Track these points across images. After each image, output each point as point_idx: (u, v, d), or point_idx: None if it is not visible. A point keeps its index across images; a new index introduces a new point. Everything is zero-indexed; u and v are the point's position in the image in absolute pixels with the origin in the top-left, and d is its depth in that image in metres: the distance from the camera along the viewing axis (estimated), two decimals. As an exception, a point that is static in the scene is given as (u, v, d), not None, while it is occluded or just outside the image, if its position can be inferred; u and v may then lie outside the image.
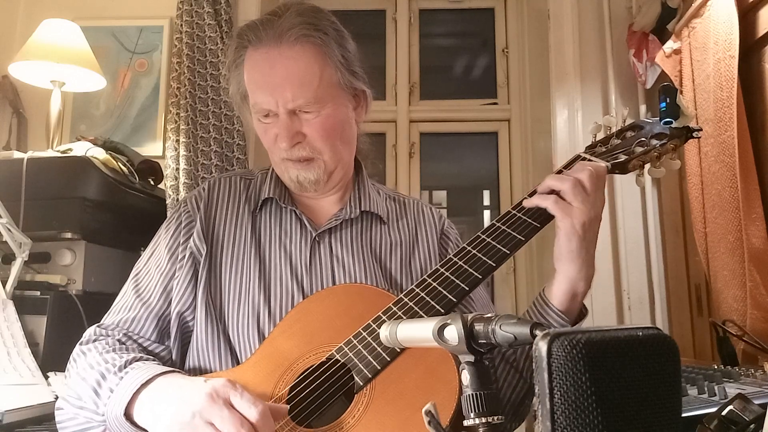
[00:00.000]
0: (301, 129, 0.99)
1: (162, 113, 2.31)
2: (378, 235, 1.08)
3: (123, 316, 0.98)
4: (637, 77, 2.09)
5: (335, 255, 1.03)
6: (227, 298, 0.98)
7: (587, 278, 0.90)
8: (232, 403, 0.75)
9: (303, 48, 0.97)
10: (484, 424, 0.53)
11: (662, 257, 2.10)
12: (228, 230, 1.04)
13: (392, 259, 1.06)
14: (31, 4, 2.41)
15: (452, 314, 0.57)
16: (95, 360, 0.89)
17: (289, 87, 0.96)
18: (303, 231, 1.05)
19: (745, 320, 1.38)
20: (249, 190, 1.10)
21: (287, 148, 0.99)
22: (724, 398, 0.79)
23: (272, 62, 0.97)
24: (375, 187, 1.16)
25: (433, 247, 1.10)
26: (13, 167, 1.63)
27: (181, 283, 0.99)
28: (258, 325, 0.95)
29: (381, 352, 0.83)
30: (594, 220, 0.88)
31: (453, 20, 3.09)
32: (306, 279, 1.00)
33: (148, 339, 0.97)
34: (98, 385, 0.86)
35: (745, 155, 1.41)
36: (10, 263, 1.50)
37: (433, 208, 1.18)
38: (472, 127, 2.91)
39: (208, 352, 0.96)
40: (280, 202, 1.06)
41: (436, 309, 0.84)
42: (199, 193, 1.09)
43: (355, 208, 1.07)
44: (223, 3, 2.26)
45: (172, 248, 1.02)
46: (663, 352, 0.43)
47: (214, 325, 0.96)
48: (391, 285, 1.04)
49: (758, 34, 1.44)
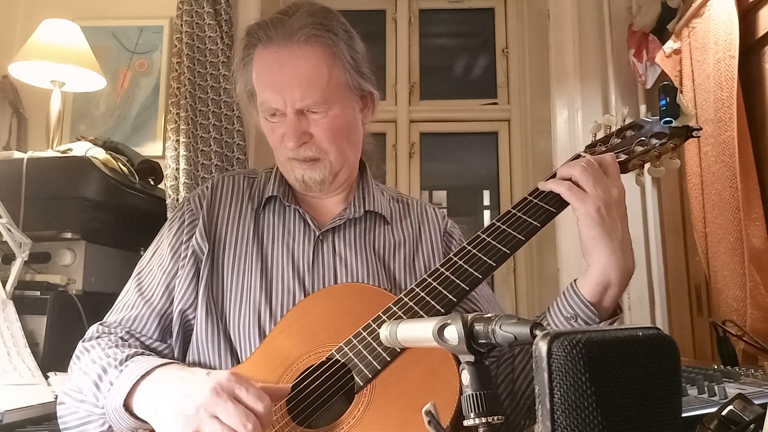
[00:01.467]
0: (308, 129, 0.99)
1: (162, 113, 2.31)
2: (381, 235, 1.08)
3: (126, 314, 0.98)
4: (637, 77, 2.09)
5: (338, 254, 1.03)
6: (229, 297, 0.99)
7: (619, 269, 0.84)
8: (237, 396, 0.75)
9: (313, 48, 0.97)
10: (484, 424, 0.53)
11: (662, 257, 2.10)
12: (230, 229, 1.04)
13: (395, 259, 1.06)
14: (31, 4, 2.41)
15: (452, 314, 0.57)
16: (98, 355, 0.90)
17: (298, 87, 0.96)
18: (306, 230, 1.05)
19: (745, 320, 1.38)
20: (252, 188, 1.10)
21: (294, 147, 0.99)
22: (724, 398, 0.79)
23: (281, 61, 0.96)
24: (379, 187, 1.17)
25: (437, 247, 1.10)
26: (13, 167, 1.63)
27: (184, 282, 0.99)
28: (259, 324, 0.95)
29: (381, 352, 0.83)
30: (610, 205, 0.85)
31: (453, 20, 3.09)
32: (308, 278, 1.00)
33: (150, 337, 0.97)
34: (99, 379, 0.86)
35: (745, 155, 1.41)
36: (10, 263, 1.50)
37: (436, 209, 1.18)
38: (472, 127, 2.91)
39: (209, 351, 0.96)
40: (284, 201, 1.06)
41: (437, 309, 0.84)
42: (203, 191, 1.09)
43: (359, 208, 1.08)
44: (223, 3, 2.26)
45: (175, 246, 1.03)
46: (663, 352, 0.43)
47: (215, 324, 0.96)
48: (394, 285, 1.04)
49: (758, 34, 1.44)
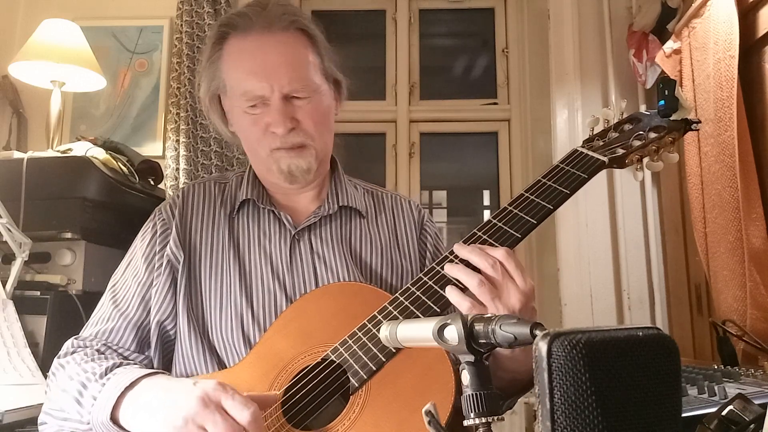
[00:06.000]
0: (294, 115, 0.98)
1: (162, 113, 2.31)
2: (357, 230, 1.08)
3: (101, 327, 0.97)
4: (637, 77, 2.09)
5: (316, 252, 1.02)
6: (209, 305, 0.97)
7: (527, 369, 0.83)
8: (224, 406, 0.74)
9: (294, 34, 0.98)
10: (484, 424, 0.53)
11: (662, 257, 2.10)
12: (205, 236, 1.03)
13: (373, 254, 1.05)
14: (31, 4, 2.41)
15: (452, 314, 0.57)
16: (74, 371, 0.88)
17: (285, 71, 0.95)
18: (282, 230, 1.03)
19: (745, 320, 1.38)
20: (224, 193, 1.08)
21: (283, 134, 0.97)
22: (724, 398, 0.79)
23: (265, 47, 0.96)
24: (352, 181, 1.16)
25: (413, 241, 1.10)
26: (13, 167, 1.63)
27: (160, 292, 0.98)
28: (242, 329, 0.94)
29: (377, 352, 0.83)
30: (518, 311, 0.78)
31: (453, 20, 3.09)
32: (288, 278, 0.99)
33: (127, 349, 0.96)
34: (80, 395, 0.85)
35: (745, 155, 1.41)
36: (10, 263, 1.50)
37: (411, 201, 1.17)
38: (472, 127, 2.91)
39: (194, 360, 0.95)
40: (258, 203, 1.05)
41: (433, 309, 0.84)
42: (173, 200, 1.08)
43: (334, 204, 1.07)
44: (223, 3, 2.26)
45: (149, 257, 1.01)
46: (663, 352, 0.43)
47: (197, 333, 0.95)
48: (373, 280, 1.03)
49: (758, 34, 1.44)
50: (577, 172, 0.92)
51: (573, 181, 0.91)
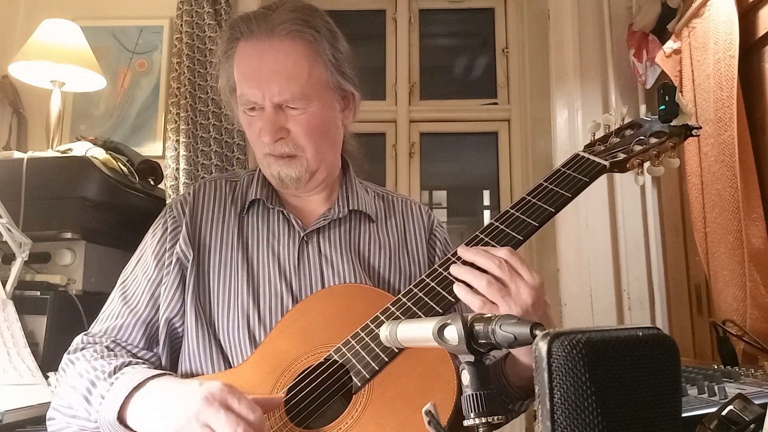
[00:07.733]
0: (285, 124, 0.97)
1: (162, 113, 2.31)
2: (366, 234, 1.07)
3: (110, 323, 0.97)
4: (637, 77, 2.09)
5: (324, 255, 1.02)
6: (216, 303, 0.97)
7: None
8: (229, 406, 0.75)
9: (294, 43, 0.96)
10: (484, 424, 0.53)
11: (662, 257, 2.10)
12: (215, 234, 1.03)
13: (381, 258, 1.05)
14: (31, 4, 2.41)
15: (452, 314, 0.57)
16: (84, 368, 0.88)
17: (276, 80, 0.95)
18: (291, 231, 1.04)
19: (745, 320, 1.38)
20: (235, 192, 1.08)
21: (270, 142, 0.97)
22: (724, 398, 0.78)
23: (261, 54, 0.96)
24: (363, 185, 1.15)
25: (422, 246, 1.10)
26: (13, 167, 1.63)
27: (169, 289, 0.98)
28: (248, 328, 0.95)
29: (379, 353, 0.83)
30: (528, 313, 0.77)
31: (453, 20, 3.09)
32: (295, 280, 0.99)
33: (136, 346, 0.96)
34: (89, 393, 0.85)
35: (745, 155, 1.41)
36: (10, 263, 1.50)
37: (421, 206, 1.17)
38: (472, 127, 2.91)
39: (200, 358, 0.95)
40: (268, 203, 1.05)
41: (435, 309, 0.84)
42: (185, 197, 1.08)
43: (344, 208, 1.07)
44: (223, 3, 2.26)
45: (159, 254, 1.01)
46: (663, 352, 0.43)
47: (205, 331, 0.96)
48: (381, 284, 1.03)
49: (758, 34, 1.44)
50: (579, 176, 0.93)
51: (574, 185, 0.92)
